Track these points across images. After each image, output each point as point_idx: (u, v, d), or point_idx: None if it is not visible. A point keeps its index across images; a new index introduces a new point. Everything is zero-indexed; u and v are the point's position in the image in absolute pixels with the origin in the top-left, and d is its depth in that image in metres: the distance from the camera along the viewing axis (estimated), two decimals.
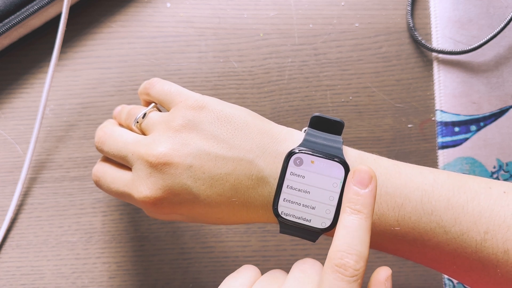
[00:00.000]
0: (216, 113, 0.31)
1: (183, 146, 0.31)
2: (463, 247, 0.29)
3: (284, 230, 0.31)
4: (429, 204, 0.29)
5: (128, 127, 0.35)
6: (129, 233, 0.42)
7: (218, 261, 0.42)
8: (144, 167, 0.31)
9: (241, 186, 0.30)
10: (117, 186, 0.33)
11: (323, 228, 0.29)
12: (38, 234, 0.42)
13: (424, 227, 0.29)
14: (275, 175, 0.30)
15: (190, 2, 0.44)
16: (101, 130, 0.35)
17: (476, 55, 0.43)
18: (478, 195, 0.30)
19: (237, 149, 0.30)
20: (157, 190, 0.31)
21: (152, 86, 0.35)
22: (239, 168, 0.30)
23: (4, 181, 0.42)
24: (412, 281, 0.42)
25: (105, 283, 0.42)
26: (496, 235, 0.28)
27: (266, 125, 0.32)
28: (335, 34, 0.44)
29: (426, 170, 0.31)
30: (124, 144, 0.33)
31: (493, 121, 0.43)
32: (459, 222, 0.29)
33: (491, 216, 0.29)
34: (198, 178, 0.30)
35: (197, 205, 0.31)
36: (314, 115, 0.31)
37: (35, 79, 0.43)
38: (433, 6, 0.44)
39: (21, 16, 0.39)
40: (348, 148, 0.32)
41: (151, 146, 0.31)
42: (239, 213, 0.31)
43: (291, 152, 0.30)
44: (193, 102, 0.32)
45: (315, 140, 0.30)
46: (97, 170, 0.35)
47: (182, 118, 0.31)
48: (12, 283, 0.41)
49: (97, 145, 0.35)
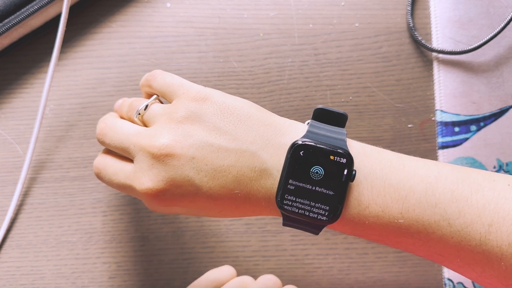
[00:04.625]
0: (218, 104, 0.31)
1: (186, 138, 0.30)
2: (467, 240, 0.29)
3: (287, 223, 0.30)
4: (433, 196, 0.29)
5: (130, 119, 0.35)
6: (129, 233, 0.42)
7: (218, 261, 0.42)
8: (146, 159, 0.31)
9: (244, 178, 0.30)
10: (118, 178, 0.33)
11: (326, 221, 0.29)
12: (38, 234, 0.42)
13: (428, 220, 0.29)
14: (278, 167, 0.30)
15: (190, 2, 0.44)
16: (102, 122, 0.35)
17: (476, 55, 0.43)
18: (482, 187, 0.29)
19: (240, 140, 0.30)
20: (159, 182, 0.30)
21: (154, 78, 0.35)
22: (242, 159, 0.30)
23: (4, 181, 0.42)
24: (412, 281, 0.42)
25: (105, 283, 0.42)
26: (501, 228, 0.28)
27: (269, 117, 0.32)
28: (335, 34, 0.44)
29: (430, 162, 0.31)
30: (125, 136, 0.33)
31: (493, 121, 0.43)
32: (463, 214, 0.29)
33: (495, 208, 0.29)
34: (200, 170, 0.30)
35: (199, 197, 0.31)
36: (318, 107, 0.31)
37: (35, 79, 0.43)
38: (433, 6, 0.44)
39: (21, 16, 0.39)
40: (351, 140, 0.31)
41: (153, 137, 0.31)
42: (241, 205, 0.31)
43: (294, 144, 0.29)
44: (196, 93, 0.32)
45: (319, 131, 0.30)
46: (98, 162, 0.35)
47: (184, 110, 0.31)
48: (12, 283, 0.41)
49: (98, 137, 0.35)
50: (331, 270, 0.42)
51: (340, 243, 0.42)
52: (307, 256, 0.42)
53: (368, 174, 0.30)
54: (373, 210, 0.29)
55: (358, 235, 0.31)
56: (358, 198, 0.30)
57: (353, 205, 0.30)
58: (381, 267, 0.42)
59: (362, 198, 0.29)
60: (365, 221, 0.30)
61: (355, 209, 0.30)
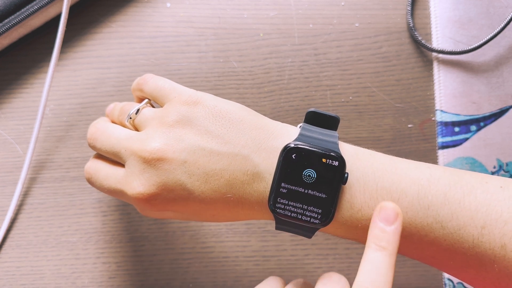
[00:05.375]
0: (210, 108, 0.31)
1: (177, 142, 0.30)
2: (460, 242, 0.29)
3: (280, 226, 0.30)
4: (426, 199, 0.29)
5: (121, 124, 0.35)
6: (129, 233, 0.42)
7: (218, 261, 0.42)
8: (137, 163, 0.31)
9: (236, 182, 0.30)
10: (109, 183, 0.33)
11: (319, 224, 0.29)
12: (38, 234, 0.42)
13: (421, 222, 0.29)
14: (270, 170, 0.30)
15: (190, 2, 0.44)
16: (93, 126, 0.35)
17: (476, 55, 0.43)
18: (474, 189, 0.29)
19: (232, 144, 0.30)
20: (150, 186, 0.30)
21: (145, 82, 0.34)
22: (234, 163, 0.30)
23: (4, 181, 0.42)
24: (412, 281, 0.42)
25: (105, 283, 0.42)
26: (493, 230, 0.28)
27: (261, 120, 0.32)
28: (335, 34, 0.44)
29: (423, 165, 0.31)
30: (117, 140, 0.33)
31: (493, 121, 0.43)
32: (456, 217, 0.29)
33: (488, 210, 0.29)
34: (192, 174, 0.30)
35: (191, 202, 0.31)
36: (310, 110, 0.31)
37: (35, 79, 0.43)
38: (433, 6, 0.44)
39: (21, 16, 0.39)
40: (344, 143, 0.31)
41: (144, 141, 0.31)
42: (234, 209, 0.31)
43: (286, 147, 0.29)
44: (187, 97, 0.32)
45: (311, 134, 0.30)
46: (89, 167, 0.35)
47: (176, 114, 0.31)
48: (12, 283, 0.41)
49: (89, 141, 0.35)
50: (331, 270, 0.42)
51: (340, 243, 0.42)
52: (307, 256, 0.42)
53: (361, 177, 0.30)
54: (365, 213, 0.29)
55: (351, 238, 0.31)
56: (350, 201, 0.30)
57: (346, 208, 0.30)
58: None
59: (354, 201, 0.29)
60: (357, 224, 0.30)
61: (348, 212, 0.30)
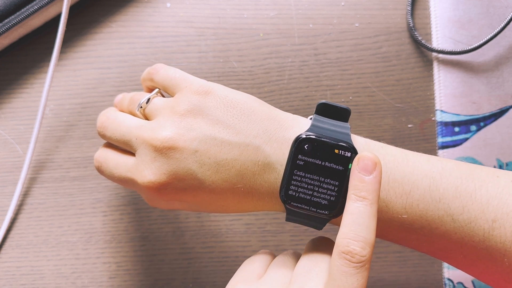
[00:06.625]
0: (221, 98, 0.31)
1: (189, 131, 0.30)
2: (471, 236, 0.29)
3: (290, 217, 0.30)
4: (437, 191, 0.29)
5: (131, 113, 0.35)
6: (129, 233, 0.42)
7: (218, 261, 0.42)
8: (148, 152, 0.30)
9: (247, 172, 0.30)
10: (119, 172, 0.33)
11: (330, 215, 0.29)
12: (38, 234, 0.42)
13: (432, 215, 0.29)
14: (281, 161, 0.30)
15: (190, 2, 0.44)
16: (103, 115, 0.35)
17: (476, 55, 0.43)
18: (486, 183, 0.29)
19: (243, 134, 0.30)
20: (161, 175, 0.30)
21: (156, 72, 0.34)
22: (245, 153, 0.30)
23: (4, 181, 0.42)
24: (412, 281, 0.42)
25: (105, 283, 0.42)
26: (504, 224, 0.28)
27: (272, 111, 0.31)
28: (335, 34, 0.44)
29: (434, 158, 0.31)
30: (127, 129, 0.32)
31: (493, 121, 0.43)
32: (467, 210, 0.29)
33: (499, 204, 0.29)
34: (203, 163, 0.30)
35: (201, 191, 0.30)
36: (321, 102, 0.31)
37: (35, 79, 0.43)
38: (433, 6, 0.44)
39: (21, 16, 0.39)
40: (355, 135, 0.31)
41: (155, 130, 0.31)
42: (243, 200, 0.31)
43: (298, 137, 0.29)
44: (199, 87, 0.31)
45: (323, 125, 0.30)
46: (99, 156, 0.35)
47: (187, 103, 0.31)
48: (12, 283, 0.41)
49: (99, 130, 0.34)
50: None
51: None
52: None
53: None
54: None
55: None
56: None
57: None
58: (381, 267, 0.42)
59: None
60: None
61: None
